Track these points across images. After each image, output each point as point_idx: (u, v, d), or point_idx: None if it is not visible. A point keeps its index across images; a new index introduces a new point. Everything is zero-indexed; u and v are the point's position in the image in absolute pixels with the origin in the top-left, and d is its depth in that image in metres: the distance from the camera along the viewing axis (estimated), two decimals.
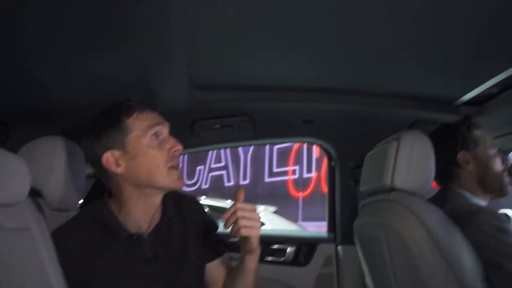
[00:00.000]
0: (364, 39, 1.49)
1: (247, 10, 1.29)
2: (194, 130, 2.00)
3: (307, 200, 9.91)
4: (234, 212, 1.21)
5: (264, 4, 1.26)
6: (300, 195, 10.15)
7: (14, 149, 1.32)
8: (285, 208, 9.05)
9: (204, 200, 7.48)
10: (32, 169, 1.30)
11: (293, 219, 8.32)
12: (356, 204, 2.20)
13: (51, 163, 1.44)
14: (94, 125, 1.29)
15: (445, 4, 1.24)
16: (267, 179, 11.05)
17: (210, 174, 12.55)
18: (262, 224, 6.24)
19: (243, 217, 1.21)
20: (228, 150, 11.57)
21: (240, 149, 11.39)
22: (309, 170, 10.04)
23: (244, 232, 1.21)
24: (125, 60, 1.43)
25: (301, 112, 2.07)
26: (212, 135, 2.06)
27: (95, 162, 1.28)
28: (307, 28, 1.41)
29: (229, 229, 1.23)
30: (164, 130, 1.30)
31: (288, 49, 1.56)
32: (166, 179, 1.26)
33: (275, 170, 10.86)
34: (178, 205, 1.40)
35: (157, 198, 1.31)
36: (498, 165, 1.62)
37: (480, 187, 1.61)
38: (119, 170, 1.25)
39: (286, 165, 10.52)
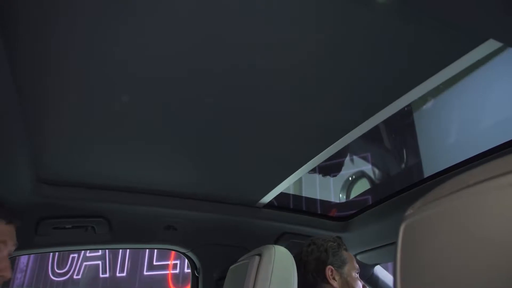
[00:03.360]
0: (222, 148, 1.49)
1: (108, 108, 1.23)
2: (40, 228, 1.76)
3: None
4: None
5: (128, 104, 1.21)
6: None
7: None
8: None
9: None
10: None
11: None
12: None
13: None
14: None
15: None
16: (146, 273, 10.48)
17: (85, 263, 11.62)
18: None
19: None
20: None
21: None
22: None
23: None
24: None
25: (163, 217, 1.94)
26: (61, 235, 1.82)
27: None
28: (170, 133, 1.38)
29: None
30: (4, 249, 1.19)
31: (148, 153, 1.50)
32: None
33: (155, 263, 10.37)
34: None
35: None
36: None
37: None
38: None
39: (167, 258, 10.12)
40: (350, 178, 4.07)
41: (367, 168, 3.90)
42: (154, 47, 1.00)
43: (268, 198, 1.93)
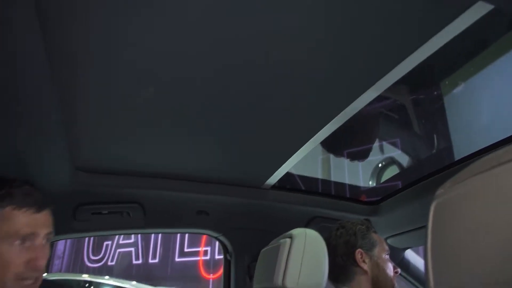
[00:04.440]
0: (242, 132, 1.53)
1: (138, 97, 1.28)
2: (78, 214, 1.84)
3: (218, 283, 9.61)
4: None
5: (158, 89, 1.25)
6: (211, 277, 9.87)
7: None
8: None
9: (107, 280, 7.09)
10: None
11: None
12: None
13: None
14: None
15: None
16: (177, 259, 10.67)
17: (118, 250, 11.92)
18: None
19: None
20: None
21: None
22: (221, 251, 9.82)
23: None
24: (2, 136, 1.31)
25: (194, 202, 2.00)
26: (99, 221, 1.91)
27: None
28: (201, 118, 1.42)
29: None
30: (37, 238, 1.17)
31: (180, 138, 1.55)
32: None
33: (186, 250, 10.55)
34: None
35: None
36: (390, 270, 1.67)
37: None
38: None
39: (197, 245, 10.27)
40: (379, 164, 4.05)
41: (397, 153, 3.88)
42: (177, 43, 1.06)
43: (275, 178, 1.95)
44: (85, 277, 7.45)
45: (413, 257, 2.29)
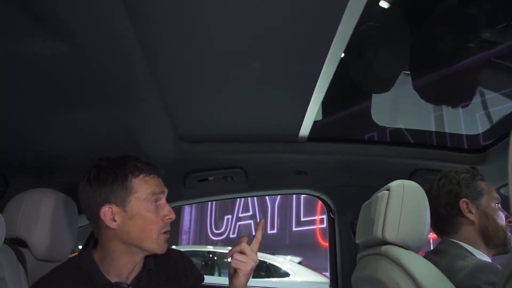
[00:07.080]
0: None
1: (231, 64, 1.34)
2: (187, 182, 2.01)
3: None
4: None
5: (251, 55, 1.31)
6: None
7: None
8: (314, 258, 8.87)
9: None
10: (17, 220, 1.39)
11: (322, 269, 8.11)
12: (355, 257, 2.12)
13: (36, 214, 1.46)
14: (98, 175, 1.33)
15: None
16: (294, 228, 10.92)
17: (238, 223, 12.52)
18: (287, 274, 6.24)
19: (240, 253, 1.32)
20: (255, 199, 11.54)
21: (268, 198, 11.34)
22: None
23: (234, 263, 1.31)
24: (110, 118, 1.50)
25: (293, 163, 2.05)
26: (205, 187, 2.07)
27: (92, 211, 1.32)
28: (283, 80, 1.45)
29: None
30: (163, 197, 1.38)
31: (270, 102, 1.61)
32: (153, 244, 1.32)
33: (302, 219, 10.74)
34: (163, 257, 1.43)
35: (140, 256, 1.36)
36: (501, 219, 1.56)
37: (482, 240, 1.55)
38: (113, 225, 1.29)
39: (313, 214, 10.39)
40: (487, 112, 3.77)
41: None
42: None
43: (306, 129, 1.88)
44: (210, 248, 8.01)
45: None
